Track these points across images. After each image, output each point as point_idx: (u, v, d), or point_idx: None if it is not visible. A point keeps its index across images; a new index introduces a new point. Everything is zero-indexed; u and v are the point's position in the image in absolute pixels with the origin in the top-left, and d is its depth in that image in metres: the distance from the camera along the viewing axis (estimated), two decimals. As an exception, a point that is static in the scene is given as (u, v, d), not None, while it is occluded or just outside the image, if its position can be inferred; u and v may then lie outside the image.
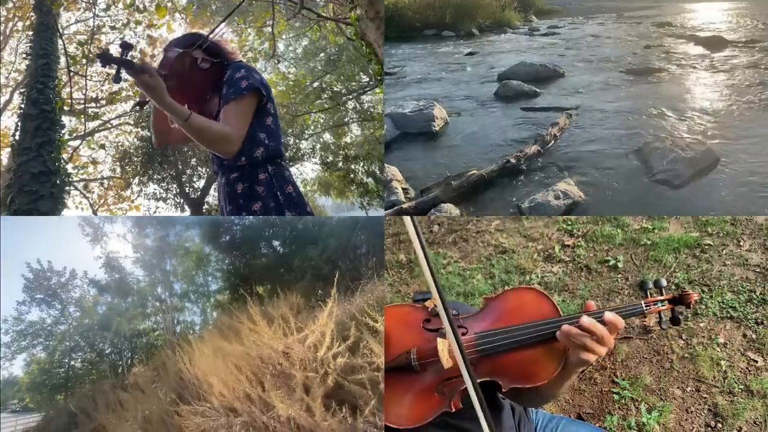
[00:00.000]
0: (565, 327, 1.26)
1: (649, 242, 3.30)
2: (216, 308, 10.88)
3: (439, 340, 1.34)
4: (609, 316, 1.26)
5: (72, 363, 14.19)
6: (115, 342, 13.60)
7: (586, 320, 1.24)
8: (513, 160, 3.80)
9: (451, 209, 3.33)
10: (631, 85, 6.03)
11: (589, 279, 3.17)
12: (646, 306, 1.35)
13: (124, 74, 1.73)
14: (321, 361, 2.29)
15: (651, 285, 1.38)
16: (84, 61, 8.24)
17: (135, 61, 1.73)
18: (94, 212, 10.10)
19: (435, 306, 1.40)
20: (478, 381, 1.24)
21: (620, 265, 3.20)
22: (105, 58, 1.72)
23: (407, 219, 1.20)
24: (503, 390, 1.34)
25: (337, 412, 2.01)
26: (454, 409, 1.35)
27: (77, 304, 14.86)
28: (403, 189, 3.64)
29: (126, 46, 1.72)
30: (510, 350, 1.34)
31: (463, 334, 1.37)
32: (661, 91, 5.67)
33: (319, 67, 12.97)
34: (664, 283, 1.39)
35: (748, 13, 11.23)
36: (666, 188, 3.46)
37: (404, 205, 3.38)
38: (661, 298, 1.37)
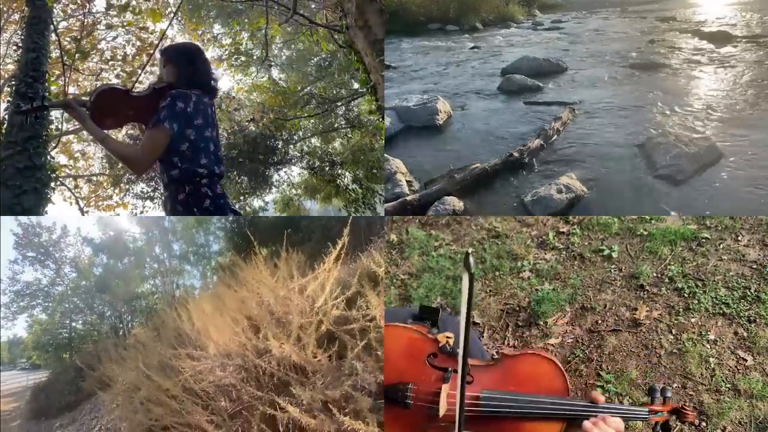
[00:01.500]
0: (588, 425, 1.29)
1: (645, 233, 3.23)
2: (216, 272, 10.73)
3: (443, 386, 1.31)
4: (616, 424, 1.30)
5: (73, 324, 14.19)
6: (114, 305, 13.52)
7: (603, 425, 1.28)
8: (516, 154, 3.81)
9: (454, 202, 3.34)
10: (634, 80, 6.02)
11: (582, 268, 3.11)
12: (649, 413, 1.39)
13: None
14: (317, 312, 2.35)
15: (658, 394, 1.42)
16: (77, 56, 8.21)
17: (53, 101, 2.27)
18: (81, 210, 10.07)
19: (446, 344, 1.39)
20: None
21: (615, 255, 3.13)
22: (22, 112, 2.21)
23: (465, 278, 1.11)
24: None
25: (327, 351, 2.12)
26: None
27: (72, 264, 14.73)
28: (407, 182, 3.65)
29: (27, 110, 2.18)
30: (510, 418, 1.31)
31: (469, 383, 1.33)
32: (665, 86, 5.65)
33: (312, 73, 13.01)
34: (669, 393, 1.44)
35: (753, 7, 11.16)
36: (668, 183, 3.45)
37: (408, 198, 3.39)
38: (660, 408, 1.40)
